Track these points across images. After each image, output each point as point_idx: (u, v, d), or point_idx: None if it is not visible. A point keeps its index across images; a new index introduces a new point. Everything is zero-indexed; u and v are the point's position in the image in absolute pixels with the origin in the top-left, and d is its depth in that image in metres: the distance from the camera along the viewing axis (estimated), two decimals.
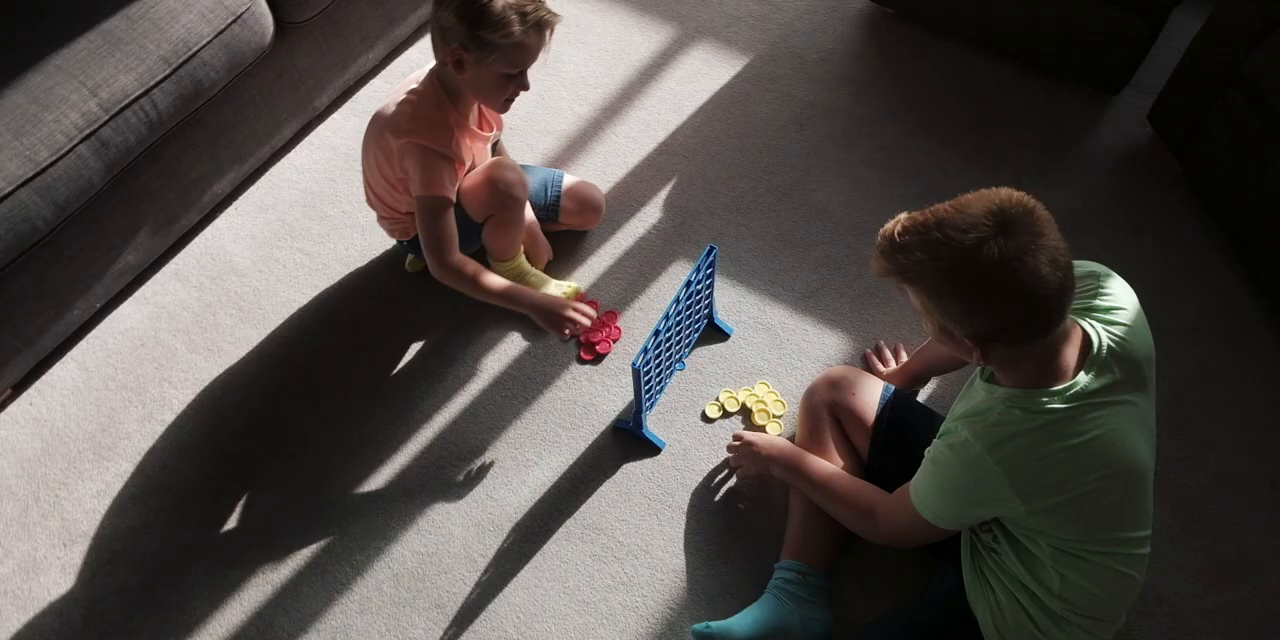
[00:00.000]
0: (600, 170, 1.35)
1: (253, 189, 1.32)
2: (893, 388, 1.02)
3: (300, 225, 1.29)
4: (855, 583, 1.00)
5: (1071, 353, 0.75)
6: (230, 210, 1.30)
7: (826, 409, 1.00)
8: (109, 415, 1.15)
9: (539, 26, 0.88)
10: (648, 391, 1.03)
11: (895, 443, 0.97)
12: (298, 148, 1.35)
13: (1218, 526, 1.03)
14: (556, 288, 1.19)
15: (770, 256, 1.28)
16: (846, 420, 1.00)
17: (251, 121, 1.19)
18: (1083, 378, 0.74)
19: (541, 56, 0.92)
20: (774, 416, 1.14)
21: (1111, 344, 0.75)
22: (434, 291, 1.20)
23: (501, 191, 1.02)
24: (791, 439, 1.08)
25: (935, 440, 0.81)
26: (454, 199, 0.98)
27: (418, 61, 1.44)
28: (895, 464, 0.97)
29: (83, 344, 1.20)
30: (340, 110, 1.39)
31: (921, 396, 1.15)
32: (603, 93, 1.43)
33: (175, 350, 1.19)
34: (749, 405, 1.15)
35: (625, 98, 1.43)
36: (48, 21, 0.97)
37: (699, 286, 1.03)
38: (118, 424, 1.14)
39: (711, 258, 1.01)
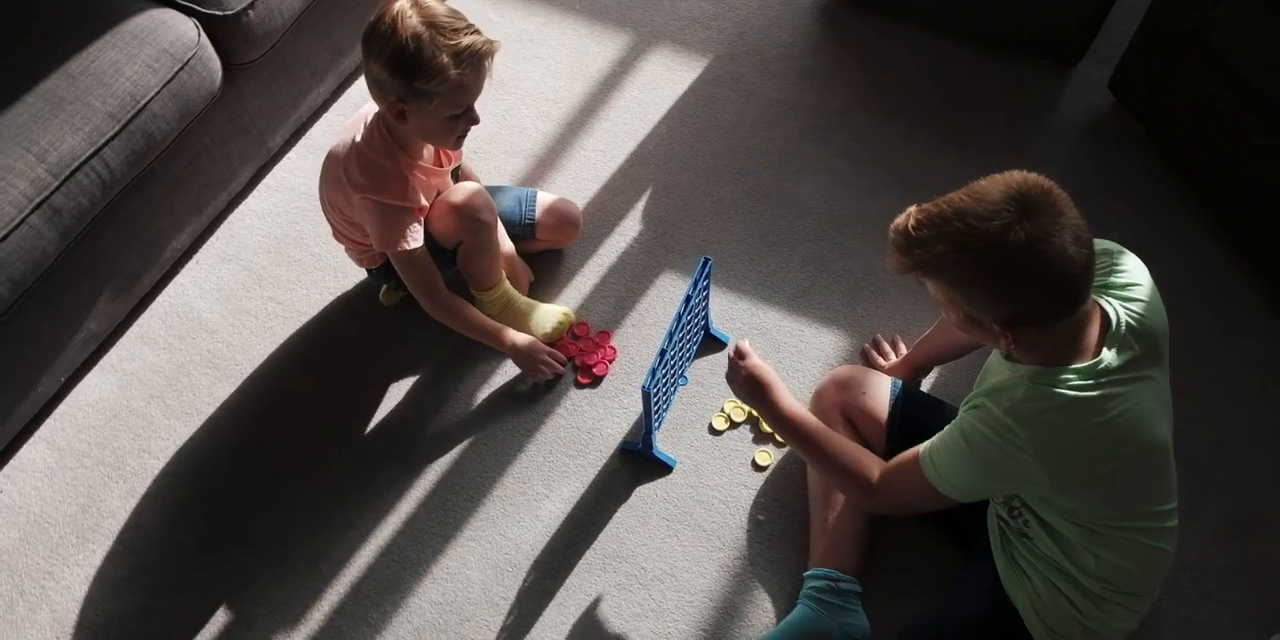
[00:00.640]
0: (573, 186, 1.35)
1: (213, 240, 1.29)
2: (900, 382, 1.04)
3: (268, 273, 1.27)
4: (884, 583, 1.02)
5: (1092, 331, 0.76)
6: (192, 264, 1.28)
7: (837, 411, 1.02)
8: (88, 494, 1.12)
9: (475, 62, 0.86)
10: (656, 411, 1.04)
11: (910, 438, 0.97)
12: (255, 192, 1.33)
13: (1226, 486, 1.06)
14: (547, 312, 1.18)
15: (756, 259, 1.30)
16: (859, 420, 1.01)
17: (206, 170, 1.17)
18: (1107, 355, 0.75)
19: (487, 84, 0.91)
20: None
21: (1130, 320, 0.77)
22: (417, 327, 1.20)
23: (468, 217, 1.02)
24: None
25: (962, 413, 0.81)
26: (422, 240, 0.98)
27: (368, 92, 1.44)
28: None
29: (50, 421, 1.16)
30: (295, 149, 1.37)
31: (925, 386, 1.17)
32: (565, 107, 1.43)
33: (151, 418, 1.17)
34: (755, 414, 1.16)
35: (588, 110, 1.44)
36: None
37: (698, 300, 1.04)
38: (99, 502, 1.11)
39: (707, 270, 1.02)
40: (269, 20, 1.09)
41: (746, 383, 0.94)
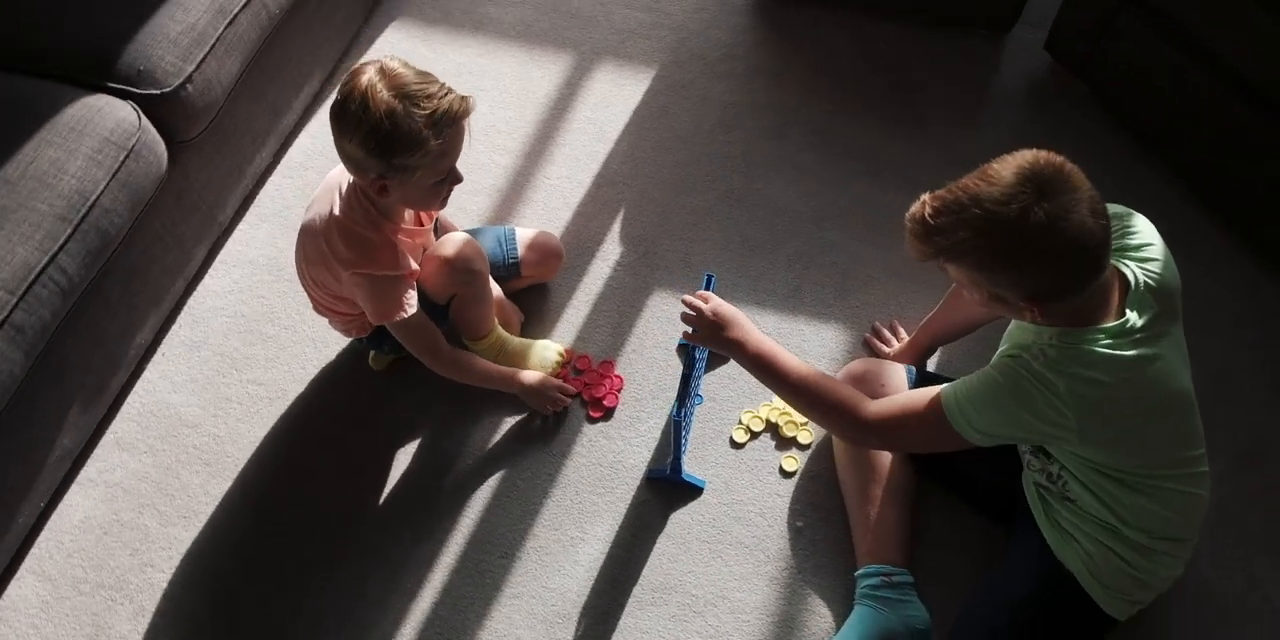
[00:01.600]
0: (545, 217, 1.37)
1: (176, 328, 1.26)
2: (913, 369, 1.08)
3: (242, 354, 1.24)
4: (932, 568, 1.06)
5: (1113, 294, 0.81)
6: (158, 358, 1.24)
7: None
8: (94, 623, 1.07)
9: (454, 125, 0.86)
10: (674, 429, 1.06)
11: None
12: (212, 271, 1.31)
13: (1226, 421, 1.13)
14: (544, 348, 1.20)
15: (742, 265, 1.34)
16: None
17: (161, 257, 1.15)
18: (1131, 315, 0.80)
19: (466, 141, 0.90)
20: (802, 425, 1.20)
21: (1149, 281, 0.82)
22: (411, 387, 1.19)
23: (460, 270, 1.03)
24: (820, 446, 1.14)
25: (999, 358, 0.85)
26: (417, 305, 0.98)
27: (311, 147, 1.42)
28: None
29: (36, 551, 1.11)
30: (246, 219, 1.35)
31: (930, 366, 1.22)
32: (519, 137, 1.46)
33: (147, 529, 1.13)
34: (773, 420, 1.20)
35: (544, 137, 1.47)
36: None
37: None
38: (106, 629, 1.07)
39: (712, 287, 1.05)
40: (208, 91, 1.08)
41: (712, 326, 0.94)
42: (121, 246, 1.02)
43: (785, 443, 1.19)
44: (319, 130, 1.45)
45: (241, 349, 1.25)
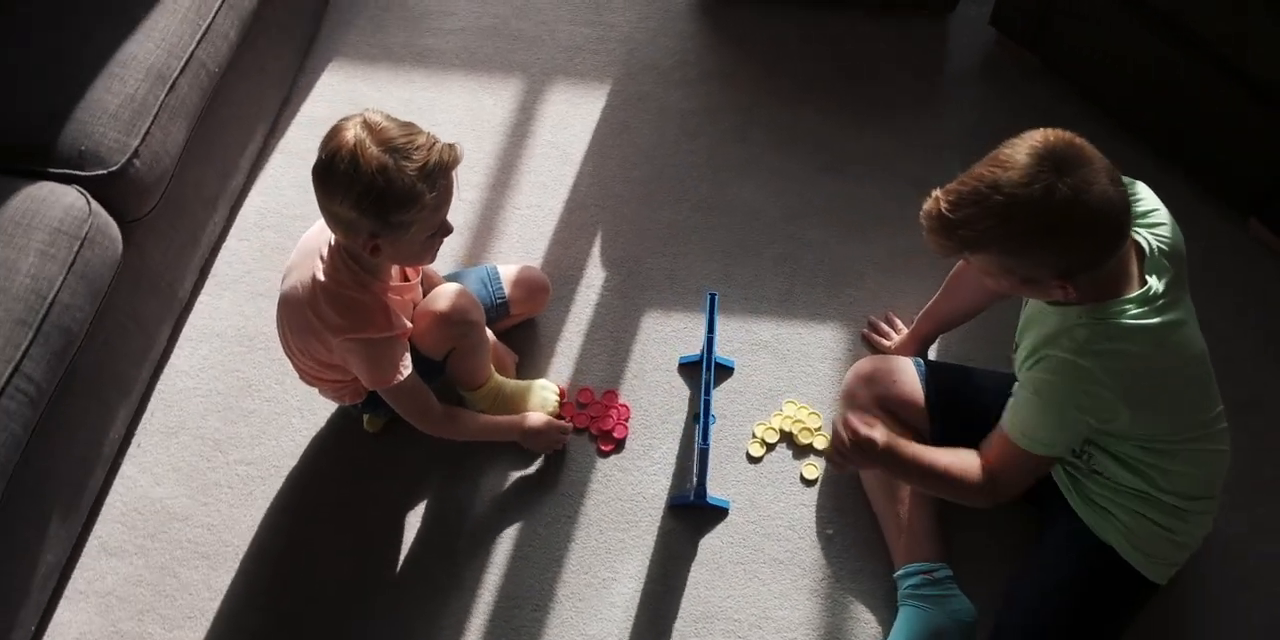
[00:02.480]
0: (521, 250, 1.38)
1: (148, 417, 1.22)
2: (921, 361, 1.12)
3: (224, 434, 1.21)
4: (970, 558, 1.09)
5: (1132, 262, 0.84)
6: (134, 451, 1.20)
7: (876, 406, 1.08)
8: None
9: (446, 173, 0.85)
10: (697, 456, 1.07)
11: (953, 412, 1.06)
12: (178, 350, 1.27)
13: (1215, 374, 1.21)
14: (542, 388, 1.20)
15: (729, 274, 1.37)
16: (900, 409, 1.08)
17: (125, 345, 1.12)
18: (1152, 281, 0.84)
19: (455, 190, 0.89)
20: (815, 430, 1.23)
21: (1161, 246, 0.86)
22: (410, 446, 1.18)
23: (457, 322, 1.02)
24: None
25: (1024, 373, 0.88)
26: (411, 365, 0.97)
27: (263, 205, 1.41)
28: (959, 432, 1.05)
29: None
30: (206, 290, 1.32)
31: (931, 354, 1.26)
32: (481, 170, 1.46)
33: (150, 636, 1.09)
34: (787, 429, 1.22)
35: (507, 167, 1.48)
36: None
37: (711, 335, 1.08)
38: None
39: (715, 307, 1.07)
40: (157, 163, 1.06)
41: (864, 452, 0.94)
42: (85, 341, 1.00)
43: (802, 450, 1.22)
44: (269, 187, 1.43)
45: (223, 429, 1.22)
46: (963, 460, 0.95)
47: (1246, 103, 1.27)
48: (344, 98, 1.54)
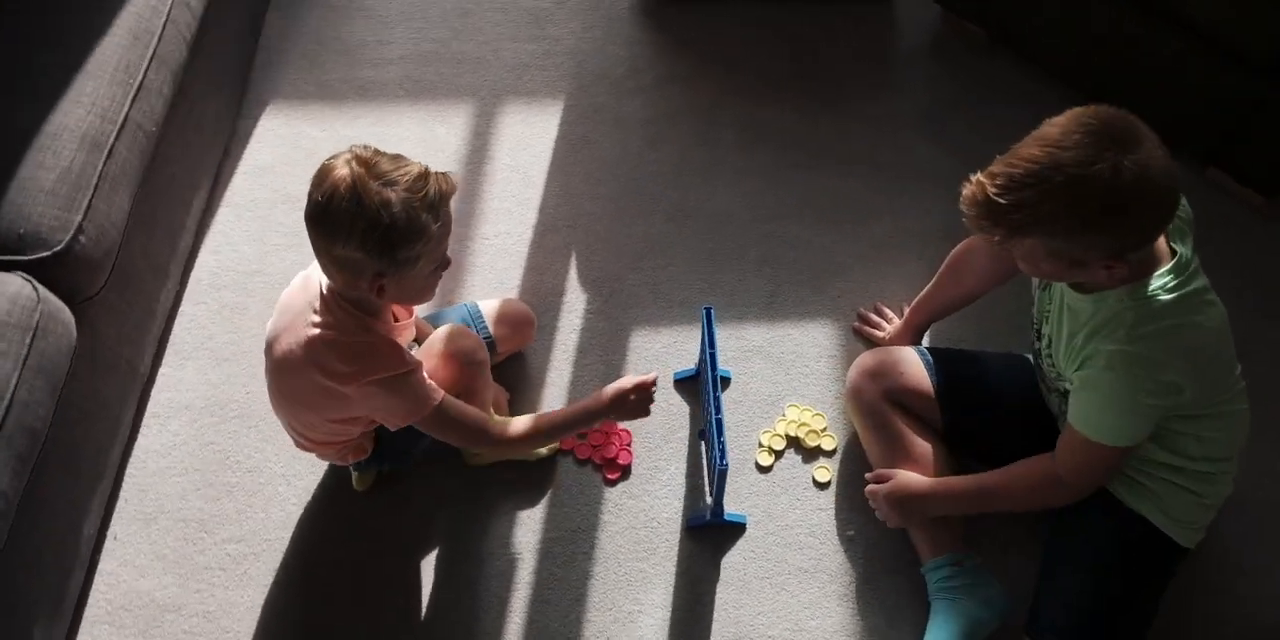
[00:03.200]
0: (496, 283, 1.37)
1: (123, 505, 1.18)
2: (924, 349, 1.14)
3: (207, 514, 1.17)
4: (996, 542, 1.11)
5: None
6: (111, 544, 1.15)
7: (883, 401, 1.10)
8: None
9: (445, 203, 0.85)
10: (717, 477, 1.07)
11: (963, 400, 1.08)
12: (145, 429, 1.24)
13: None
14: None
15: (712, 281, 1.38)
16: (910, 401, 1.09)
17: (91, 433, 1.08)
18: (1180, 248, 0.85)
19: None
20: (822, 431, 1.24)
21: (1179, 212, 0.85)
22: (407, 500, 1.17)
23: (465, 363, 1.01)
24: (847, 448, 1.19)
25: (1078, 374, 0.88)
26: (439, 389, 0.93)
27: (216, 264, 1.38)
28: (971, 418, 1.09)
29: None
30: (166, 362, 1.29)
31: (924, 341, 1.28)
32: None
33: None
34: (792, 434, 1.24)
35: (469, 196, 1.47)
36: None
37: (713, 351, 1.08)
38: None
39: (712, 321, 1.08)
40: (102, 238, 1.03)
41: (899, 504, 1.03)
42: (48, 436, 0.96)
43: (811, 454, 1.23)
44: (220, 244, 1.40)
45: (205, 507, 1.18)
46: (1025, 470, 0.97)
47: (1194, 55, 1.31)
48: (287, 141, 1.52)
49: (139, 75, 1.14)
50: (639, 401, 1.01)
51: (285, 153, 1.51)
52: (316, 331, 0.90)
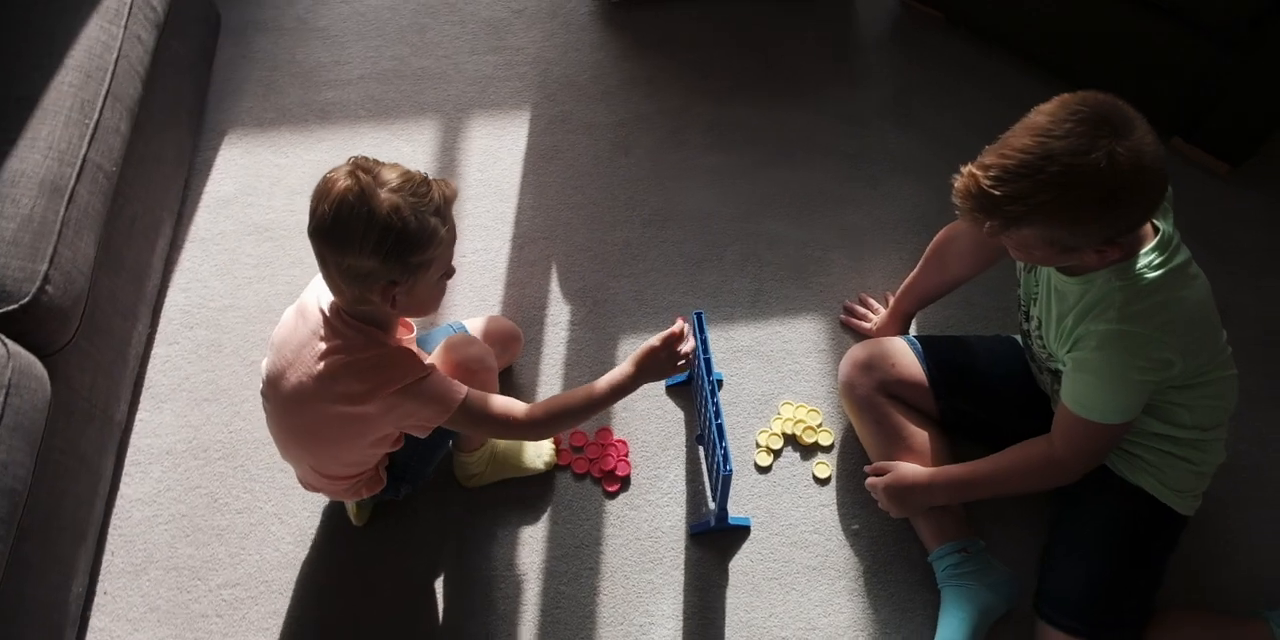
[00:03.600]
0: (478, 300, 1.38)
1: (109, 558, 1.15)
2: (912, 338, 1.16)
3: (199, 559, 1.16)
4: (1000, 526, 1.14)
5: None
6: (102, 600, 1.13)
7: (878, 393, 1.12)
8: None
9: (450, 206, 0.85)
10: (721, 482, 1.07)
11: (956, 386, 1.10)
12: (127, 478, 1.22)
13: None
14: (534, 445, 1.22)
15: (695, 284, 1.39)
16: (903, 392, 1.11)
17: (71, 487, 1.06)
18: (1162, 225, 0.87)
19: None
20: (818, 427, 1.26)
21: None
22: (406, 529, 1.16)
23: (478, 369, 1.01)
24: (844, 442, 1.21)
25: (1071, 355, 0.89)
26: (463, 385, 0.93)
27: (186, 302, 1.37)
28: (965, 404, 1.11)
29: None
30: (142, 407, 1.28)
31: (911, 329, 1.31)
32: None
33: None
34: (789, 432, 1.26)
35: None
36: None
37: (707, 356, 1.09)
38: None
39: (703, 325, 1.09)
40: (70, 286, 1.02)
41: (898, 495, 1.05)
42: (31, 496, 0.94)
43: (809, 450, 1.25)
44: (189, 281, 1.40)
45: (196, 554, 1.16)
46: (1022, 454, 0.98)
47: (1157, 27, 1.35)
48: (249, 171, 1.52)
49: (95, 114, 1.12)
50: (669, 357, 0.99)
51: (248, 182, 1.51)
52: (328, 359, 0.88)
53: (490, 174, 1.52)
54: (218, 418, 1.27)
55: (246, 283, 1.39)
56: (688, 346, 1.01)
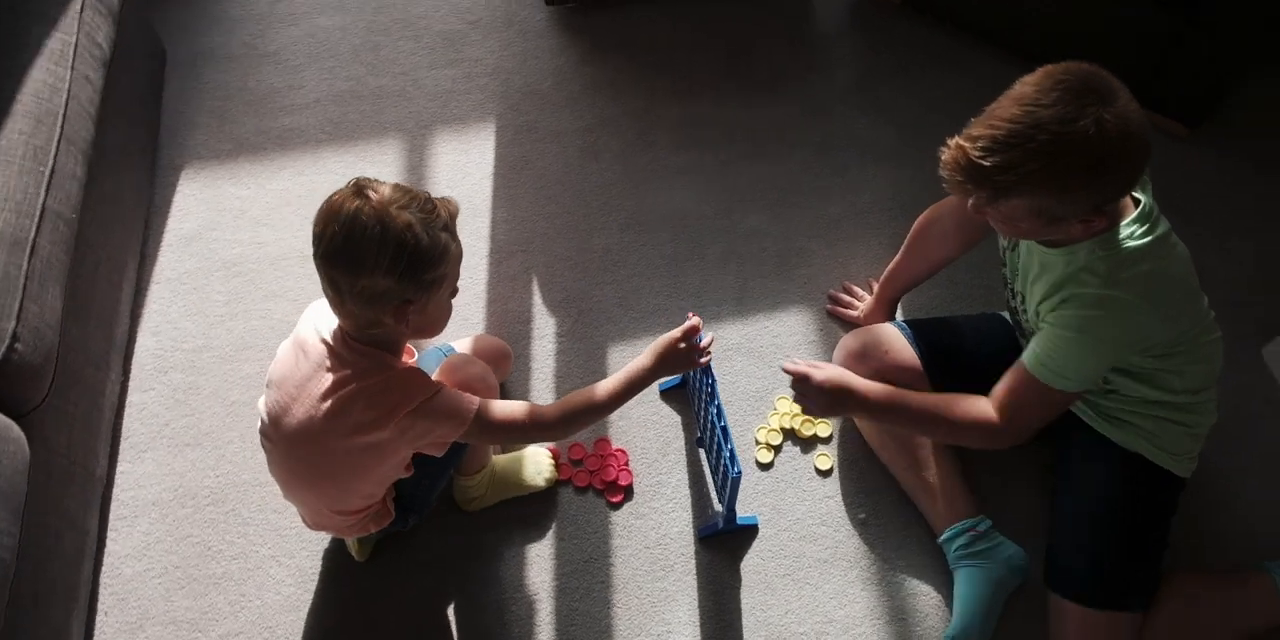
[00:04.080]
0: (461, 320, 1.37)
1: (103, 619, 1.13)
2: (902, 323, 1.18)
3: (197, 611, 1.14)
4: (1003, 502, 1.16)
5: None
6: None
7: (875, 380, 1.13)
8: None
9: (455, 221, 0.87)
10: (730, 484, 1.08)
11: (950, 370, 1.12)
12: (113, 533, 1.20)
13: None
14: (534, 454, 1.22)
15: (678, 285, 1.40)
16: (898, 378, 1.12)
17: (58, 549, 1.04)
18: (1142, 196, 0.90)
19: None
20: (816, 420, 1.27)
21: None
22: (410, 558, 1.16)
23: (479, 389, 1.00)
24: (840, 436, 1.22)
25: (1051, 315, 0.91)
26: (474, 396, 0.93)
27: (157, 346, 1.35)
28: (959, 387, 1.10)
29: None
30: (123, 458, 1.25)
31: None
32: None
33: None
34: (786, 426, 1.27)
35: None
36: None
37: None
38: None
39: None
40: (40, 342, 1.00)
41: (832, 395, 0.98)
42: (19, 571, 0.91)
43: (808, 443, 1.27)
44: (158, 324, 1.38)
45: (194, 605, 1.14)
46: (971, 400, 0.98)
47: None
48: (210, 205, 1.51)
49: (49, 161, 1.11)
50: (688, 349, 1.00)
51: (211, 217, 1.50)
52: (337, 391, 0.88)
53: (460, 189, 1.52)
54: (202, 463, 1.26)
55: (219, 321, 1.38)
56: (707, 339, 1.02)
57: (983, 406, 0.97)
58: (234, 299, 1.40)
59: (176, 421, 1.29)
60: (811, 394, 1.00)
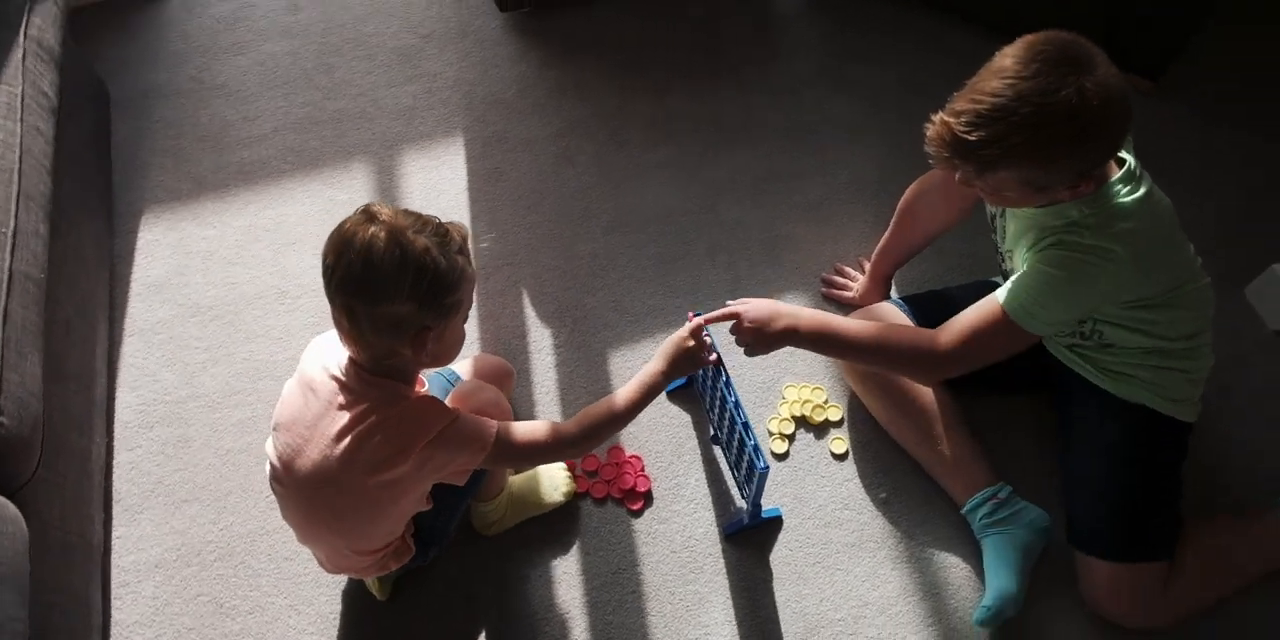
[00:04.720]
0: None
1: None
2: (899, 300, 1.20)
3: None
4: (1014, 468, 1.19)
5: None
6: None
7: None
8: None
9: (467, 244, 0.87)
10: (757, 480, 1.08)
11: None
12: (117, 602, 1.16)
13: None
14: (550, 473, 1.22)
15: (670, 283, 1.41)
16: None
17: (65, 626, 1.00)
18: (1127, 156, 0.93)
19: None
20: (825, 404, 1.29)
21: None
22: (431, 592, 1.15)
23: (493, 415, 0.99)
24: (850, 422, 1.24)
25: (1037, 254, 0.92)
26: (493, 421, 0.93)
27: (137, 401, 1.32)
28: None
29: None
30: (117, 522, 1.22)
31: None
32: None
33: None
34: (798, 414, 1.29)
35: None
36: None
37: (718, 354, 1.08)
38: None
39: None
40: (25, 413, 0.96)
41: (758, 332, 0.98)
42: None
43: (821, 428, 1.29)
44: (137, 378, 1.35)
45: None
46: (907, 333, 1.00)
47: None
48: (176, 248, 1.48)
49: (11, 220, 1.08)
50: (697, 348, 1.01)
51: (178, 261, 1.47)
52: (353, 429, 0.87)
53: (435, 208, 1.51)
54: (202, 517, 1.24)
55: (200, 368, 1.36)
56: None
57: (925, 336, 0.99)
58: (213, 344, 1.38)
59: (169, 477, 1.27)
60: (746, 334, 1.01)
